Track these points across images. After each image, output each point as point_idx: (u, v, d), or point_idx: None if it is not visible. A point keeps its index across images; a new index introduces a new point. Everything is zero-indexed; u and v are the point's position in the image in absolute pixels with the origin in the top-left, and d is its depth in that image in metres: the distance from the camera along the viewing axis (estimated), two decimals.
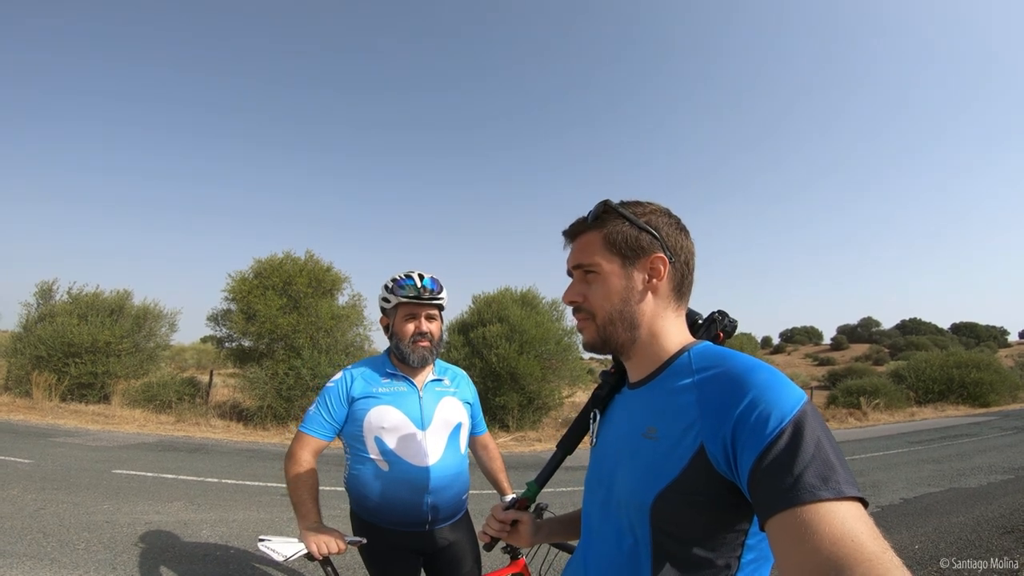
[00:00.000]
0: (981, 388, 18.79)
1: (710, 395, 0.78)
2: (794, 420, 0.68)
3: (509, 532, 1.26)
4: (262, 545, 1.62)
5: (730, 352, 0.84)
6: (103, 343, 12.74)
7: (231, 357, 13.90)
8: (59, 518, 4.72)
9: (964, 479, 7.18)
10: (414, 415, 1.91)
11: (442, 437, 1.94)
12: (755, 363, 0.78)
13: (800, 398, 0.71)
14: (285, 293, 12.72)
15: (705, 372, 0.82)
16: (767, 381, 0.73)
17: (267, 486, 6.41)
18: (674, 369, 0.88)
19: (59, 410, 11.65)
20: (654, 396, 0.89)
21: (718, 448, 0.73)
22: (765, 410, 0.69)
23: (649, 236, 0.92)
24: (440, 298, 1.99)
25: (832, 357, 46.63)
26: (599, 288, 0.94)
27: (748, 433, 0.69)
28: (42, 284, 14.25)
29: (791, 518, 0.62)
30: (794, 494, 0.62)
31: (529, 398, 12.89)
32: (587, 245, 0.97)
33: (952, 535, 4.79)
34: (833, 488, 0.62)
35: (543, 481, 1.26)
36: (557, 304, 14.71)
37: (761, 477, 0.66)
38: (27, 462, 6.87)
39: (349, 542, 1.68)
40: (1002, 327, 52.90)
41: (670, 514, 0.78)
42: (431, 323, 1.99)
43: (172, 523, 4.80)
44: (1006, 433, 12.04)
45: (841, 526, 0.59)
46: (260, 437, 10.62)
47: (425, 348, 1.95)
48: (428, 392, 1.99)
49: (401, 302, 1.95)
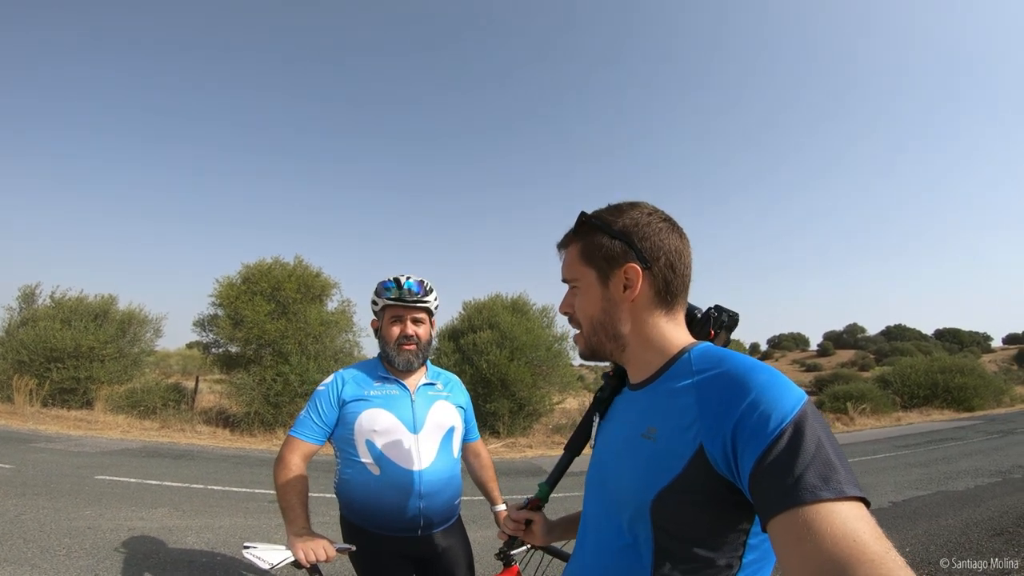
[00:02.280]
0: (966, 393, 19.02)
1: (710, 396, 0.77)
2: (795, 420, 0.67)
3: (524, 531, 1.28)
4: (247, 552, 1.57)
5: (730, 353, 0.83)
6: (86, 348, 12.58)
7: (218, 363, 13.75)
8: (40, 524, 4.62)
9: (951, 482, 7.23)
10: (406, 418, 1.88)
11: (435, 441, 1.91)
12: (755, 363, 0.77)
13: (800, 398, 0.70)
14: (273, 299, 12.62)
15: (705, 373, 0.81)
16: (767, 381, 0.72)
17: (254, 492, 6.31)
18: (674, 371, 0.87)
19: (41, 415, 11.45)
20: (654, 397, 0.89)
21: (717, 448, 0.72)
22: (766, 410, 0.69)
23: (623, 244, 0.91)
24: (426, 301, 1.96)
25: (819, 363, 47.11)
26: (582, 300, 0.96)
27: (749, 433, 0.69)
28: (25, 288, 14.10)
29: (793, 518, 0.61)
30: (795, 494, 0.62)
31: (520, 404, 12.89)
32: (570, 258, 0.99)
33: (942, 537, 4.81)
34: (834, 488, 0.62)
35: (554, 482, 1.28)
36: (548, 310, 14.78)
37: (762, 477, 0.66)
38: (7, 467, 6.73)
39: (338, 549, 1.64)
40: (985, 333, 53.83)
41: (671, 513, 0.78)
42: (417, 326, 1.97)
43: (156, 529, 4.70)
44: (991, 437, 12.19)
45: (843, 526, 0.59)
46: (247, 443, 10.50)
47: (410, 351, 1.93)
48: (421, 396, 1.96)
49: (387, 305, 1.94)
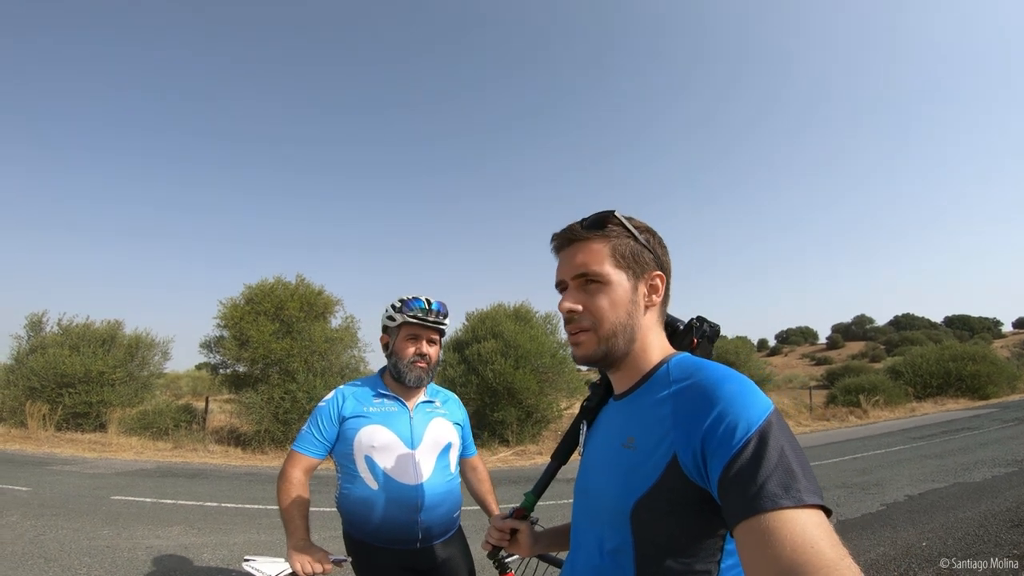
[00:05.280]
0: (979, 380, 18.83)
1: (682, 406, 0.80)
2: (759, 430, 0.70)
3: (509, 541, 1.26)
4: (247, 565, 1.61)
5: (705, 363, 0.87)
6: (96, 373, 12.67)
7: (226, 383, 13.85)
8: (60, 544, 4.68)
9: (968, 473, 7.15)
10: (404, 435, 1.93)
11: (432, 456, 1.96)
12: (725, 374, 0.81)
13: (766, 408, 0.73)
14: (277, 318, 12.72)
15: (680, 383, 0.85)
16: (734, 392, 0.76)
17: (267, 509, 6.33)
18: (654, 381, 0.91)
19: (55, 439, 11.54)
20: (635, 407, 0.92)
21: (688, 458, 0.76)
22: (732, 421, 0.72)
23: (649, 253, 0.96)
24: (444, 324, 2.03)
25: (829, 356, 46.61)
26: (605, 299, 0.93)
27: (716, 444, 0.72)
28: (32, 316, 14.18)
29: (754, 525, 0.64)
30: (757, 502, 0.65)
31: (527, 412, 12.88)
32: (594, 254, 0.94)
33: (960, 531, 4.75)
34: (794, 496, 0.64)
35: (539, 491, 1.26)
36: (551, 318, 14.82)
37: (728, 486, 0.69)
38: (25, 490, 6.80)
39: (333, 560, 1.66)
40: (995, 318, 53.07)
41: (650, 521, 0.81)
42: (431, 347, 2.02)
43: (173, 547, 4.74)
44: (1007, 425, 12.07)
45: (801, 533, 0.61)
46: (259, 461, 10.54)
47: (422, 369, 1.98)
48: (419, 412, 2.01)
49: (406, 322, 1.97)
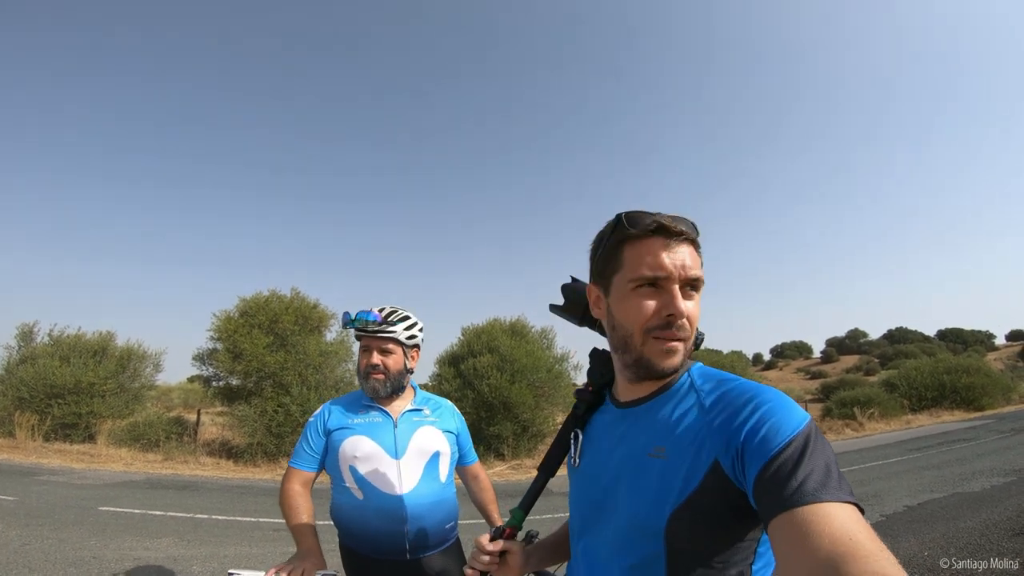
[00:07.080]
0: (974, 392, 18.85)
1: (721, 412, 0.81)
2: (802, 433, 0.73)
3: (499, 565, 1.14)
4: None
5: (726, 373, 0.91)
6: (87, 384, 12.55)
7: (219, 396, 13.76)
8: (45, 554, 4.60)
9: (967, 483, 7.15)
10: (387, 444, 1.93)
11: (417, 466, 1.94)
12: (759, 384, 0.84)
13: (805, 417, 0.76)
14: (272, 331, 12.68)
15: (711, 392, 0.86)
16: (775, 399, 0.79)
17: (259, 521, 6.24)
18: (676, 389, 0.91)
19: (43, 449, 11.41)
20: (657, 416, 0.90)
21: (728, 462, 0.77)
22: (776, 424, 0.74)
23: None
24: (390, 332, 1.95)
25: (823, 370, 46.61)
26: (697, 310, 0.90)
27: (757, 444, 0.74)
28: (22, 327, 14.08)
29: (792, 518, 0.65)
30: (796, 496, 0.66)
31: (523, 426, 12.87)
32: (698, 261, 0.90)
33: (961, 540, 4.74)
34: (832, 492, 0.66)
35: (528, 506, 1.19)
36: (547, 332, 14.96)
37: (767, 482, 0.70)
38: (11, 499, 6.71)
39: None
40: (988, 331, 53.17)
41: (684, 530, 0.80)
42: (385, 356, 1.98)
43: (162, 559, 4.65)
44: (1003, 435, 12.09)
45: (841, 526, 0.62)
46: (251, 473, 10.42)
47: (377, 380, 1.96)
48: (404, 422, 2.00)
49: (358, 335, 2.00)
